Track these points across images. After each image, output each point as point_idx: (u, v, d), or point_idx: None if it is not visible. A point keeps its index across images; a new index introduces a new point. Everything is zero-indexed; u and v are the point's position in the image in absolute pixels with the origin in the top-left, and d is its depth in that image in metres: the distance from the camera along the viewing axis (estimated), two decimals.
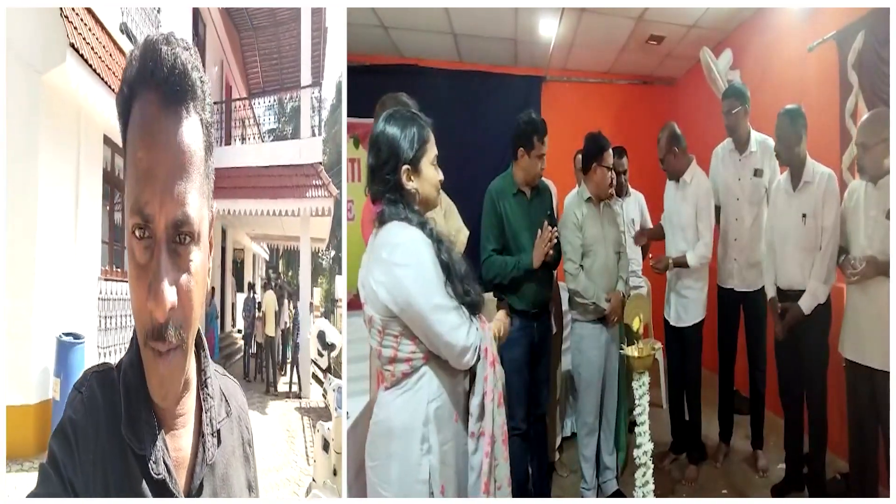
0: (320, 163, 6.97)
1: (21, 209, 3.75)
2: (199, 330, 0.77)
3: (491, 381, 1.63)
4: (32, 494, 0.68)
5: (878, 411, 2.53)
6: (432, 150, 1.65)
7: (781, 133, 2.87)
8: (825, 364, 2.86)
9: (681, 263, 3.22)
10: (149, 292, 0.65)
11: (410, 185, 1.61)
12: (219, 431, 0.79)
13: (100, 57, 4.05)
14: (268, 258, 14.49)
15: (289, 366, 8.24)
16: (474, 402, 1.64)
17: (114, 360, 0.76)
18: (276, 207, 6.86)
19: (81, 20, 3.91)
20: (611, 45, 4.89)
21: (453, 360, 1.58)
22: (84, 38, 3.84)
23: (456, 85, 4.94)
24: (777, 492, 3.07)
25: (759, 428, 3.41)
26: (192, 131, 0.68)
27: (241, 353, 8.80)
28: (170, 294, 0.66)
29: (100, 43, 4.19)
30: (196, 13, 7.43)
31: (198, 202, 0.69)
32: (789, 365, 3.00)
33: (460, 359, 1.58)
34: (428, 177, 1.64)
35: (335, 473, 3.00)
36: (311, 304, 8.44)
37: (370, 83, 4.29)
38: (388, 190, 1.63)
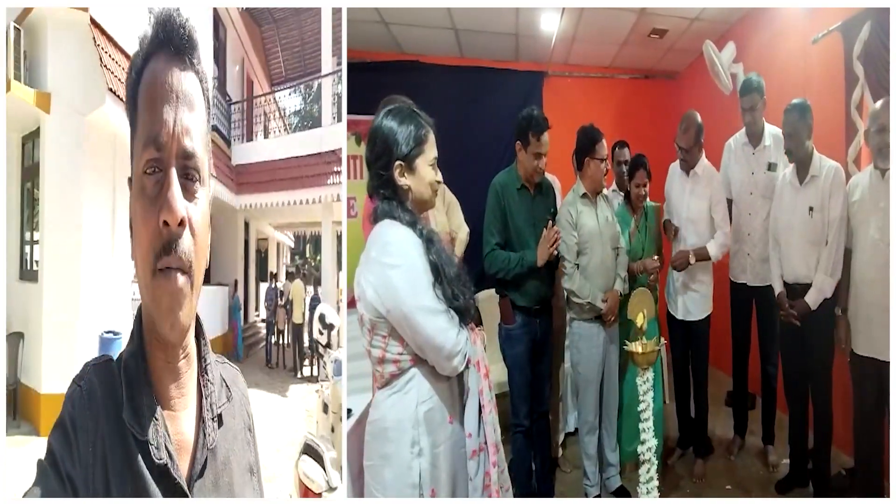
0: (340, 148, 7.16)
1: (68, 229, 4.57)
2: (198, 318, 0.80)
3: (487, 394, 1.60)
4: (30, 490, 0.68)
5: (885, 405, 2.51)
6: (430, 151, 1.61)
7: (793, 129, 2.82)
8: (830, 359, 2.84)
9: (703, 256, 3.16)
10: (161, 208, 0.69)
11: (403, 181, 1.58)
12: (220, 416, 0.81)
13: None
14: (293, 245, 14.93)
15: (309, 351, 8.50)
16: (471, 418, 1.59)
17: None
18: (298, 198, 7.21)
19: (117, 63, 4.54)
20: (613, 39, 4.86)
21: (440, 364, 1.54)
22: (120, 80, 4.44)
23: (457, 81, 4.90)
24: (781, 487, 3.06)
25: (770, 423, 3.40)
26: (194, 83, 0.75)
27: (264, 342, 9.22)
28: (182, 207, 0.69)
29: None
30: (216, 17, 7.81)
31: (201, 145, 0.74)
32: (794, 360, 2.99)
33: (448, 363, 1.53)
34: (423, 176, 1.60)
35: (333, 430, 3.53)
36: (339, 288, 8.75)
37: (371, 80, 4.27)
38: (381, 185, 1.61)
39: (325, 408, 3.57)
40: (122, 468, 0.69)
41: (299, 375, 8.17)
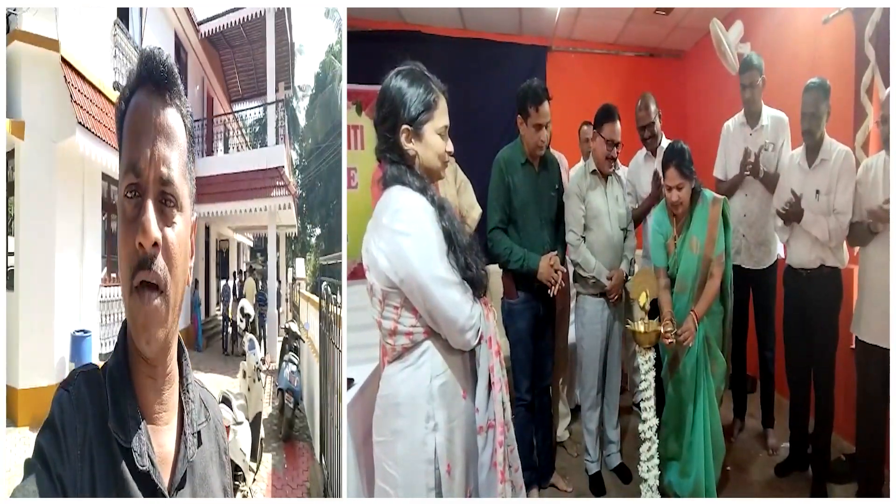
0: (283, 166, 8.60)
1: (42, 235, 5.12)
2: (180, 339, 0.85)
3: (497, 371, 1.54)
4: (20, 488, 0.70)
5: (888, 393, 2.49)
6: (440, 119, 1.54)
7: (815, 108, 2.74)
8: (834, 345, 2.82)
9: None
10: (137, 231, 0.73)
11: (409, 147, 1.52)
12: (199, 433, 0.86)
13: (100, 122, 5.27)
14: (252, 245, 16.55)
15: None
16: (480, 393, 1.54)
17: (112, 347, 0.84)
18: (248, 206, 8.48)
19: (86, 97, 5.17)
20: (618, 14, 4.77)
21: (454, 338, 1.49)
22: (88, 112, 5.09)
23: (459, 53, 4.79)
24: (780, 471, 3.06)
25: (769, 407, 3.39)
26: (175, 118, 0.80)
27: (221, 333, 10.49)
28: (155, 230, 0.74)
29: (100, 110, 5.40)
30: (177, 42, 8.86)
31: (179, 173, 0.79)
32: (797, 345, 2.96)
33: (461, 337, 1.48)
34: (431, 144, 1.53)
35: (249, 389, 4.75)
36: (279, 282, 10.70)
37: (372, 50, 4.15)
38: (388, 149, 1.55)
39: (244, 374, 4.77)
40: (108, 472, 0.73)
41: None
